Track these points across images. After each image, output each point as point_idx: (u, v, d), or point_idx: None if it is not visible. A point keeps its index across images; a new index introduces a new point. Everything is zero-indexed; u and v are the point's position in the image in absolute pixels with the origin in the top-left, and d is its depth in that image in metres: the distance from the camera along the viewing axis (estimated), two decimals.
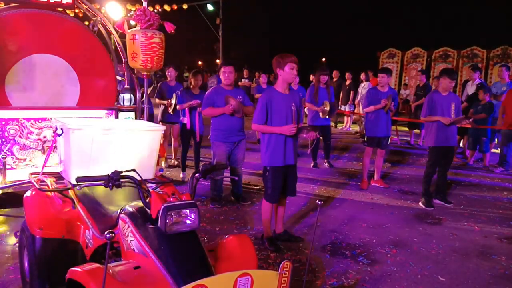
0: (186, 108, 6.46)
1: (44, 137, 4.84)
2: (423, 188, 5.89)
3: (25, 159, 4.78)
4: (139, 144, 3.12)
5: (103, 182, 2.31)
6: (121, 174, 2.34)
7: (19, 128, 4.71)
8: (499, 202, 6.13)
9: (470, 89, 9.01)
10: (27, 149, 4.78)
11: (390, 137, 6.78)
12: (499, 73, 8.83)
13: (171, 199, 2.22)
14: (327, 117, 7.50)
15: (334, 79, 12.91)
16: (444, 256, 4.25)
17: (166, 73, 7.61)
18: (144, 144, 3.14)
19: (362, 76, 12.58)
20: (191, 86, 6.68)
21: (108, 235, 1.72)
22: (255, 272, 1.93)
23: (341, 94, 12.80)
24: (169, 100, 7.00)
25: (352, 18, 38.75)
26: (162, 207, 2.13)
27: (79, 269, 2.09)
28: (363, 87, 12.24)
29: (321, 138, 7.89)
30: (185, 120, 6.58)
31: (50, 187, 3.10)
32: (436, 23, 34.01)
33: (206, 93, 5.63)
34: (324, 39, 38.42)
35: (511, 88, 7.96)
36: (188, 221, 2.17)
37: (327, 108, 7.31)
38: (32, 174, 3.41)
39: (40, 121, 4.81)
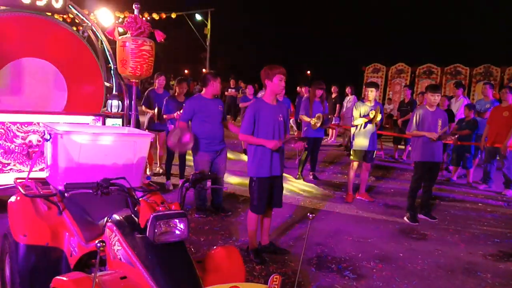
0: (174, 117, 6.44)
1: (30, 141, 4.76)
2: (408, 203, 5.92)
3: (9, 163, 4.69)
4: (127, 151, 3.08)
5: (92, 189, 2.28)
6: (110, 181, 2.30)
7: (5, 131, 4.63)
8: (483, 218, 6.20)
9: (454, 106, 9.17)
10: (11, 153, 4.69)
11: (375, 151, 6.84)
12: (483, 91, 9.00)
13: (161, 208, 2.19)
14: (318, 127, 7.61)
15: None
16: (430, 272, 4.27)
17: (156, 80, 7.58)
18: (133, 152, 3.11)
19: (348, 89, 12.70)
20: (176, 94, 6.75)
21: (98, 244, 1.68)
22: (244, 285, 1.92)
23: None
24: (153, 112, 7.01)
25: (338, 33, 39.21)
26: (151, 216, 2.09)
27: (64, 278, 2.04)
28: (348, 101, 12.36)
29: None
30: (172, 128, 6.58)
31: (36, 193, 3.04)
32: (421, 40, 34.64)
33: (187, 102, 5.60)
34: (310, 53, 38.83)
35: (495, 106, 8.12)
36: (177, 231, 2.14)
37: (319, 120, 7.44)
38: (17, 179, 3.34)
39: (26, 125, 4.74)
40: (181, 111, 6.12)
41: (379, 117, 6.41)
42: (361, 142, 6.52)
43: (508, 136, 7.31)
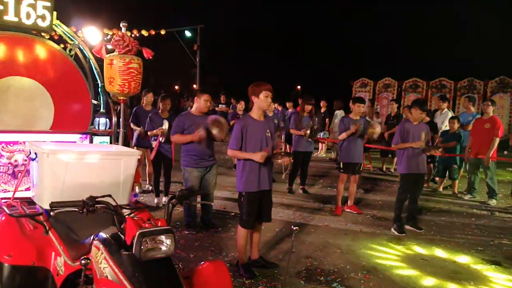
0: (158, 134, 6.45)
1: (16, 161, 4.73)
2: (395, 214, 5.99)
3: None
4: (114, 169, 3.09)
5: (78, 207, 2.29)
6: (96, 199, 2.32)
7: None
8: (467, 228, 6.28)
9: (439, 119, 9.31)
10: None
11: (362, 164, 6.93)
12: (464, 104, 9.17)
13: (147, 225, 2.21)
14: (309, 140, 7.81)
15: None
16: (416, 281, 4.32)
17: (143, 97, 7.62)
18: (120, 169, 3.12)
19: (336, 104, 12.85)
20: (160, 111, 6.80)
21: (83, 261, 1.70)
22: None
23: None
24: (140, 129, 7.06)
25: (327, 48, 39.72)
26: (137, 233, 2.11)
27: None
28: (337, 115, 12.51)
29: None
30: (155, 144, 6.63)
31: (21, 213, 3.03)
32: (407, 54, 35.19)
33: (176, 118, 5.64)
34: (299, 68, 39.17)
35: (477, 118, 8.28)
36: (163, 247, 2.15)
37: (309, 129, 7.66)
38: (2, 199, 3.33)
39: (11, 144, 4.71)
40: (163, 128, 6.14)
41: (377, 130, 6.55)
42: (350, 155, 6.61)
43: (490, 147, 7.45)
